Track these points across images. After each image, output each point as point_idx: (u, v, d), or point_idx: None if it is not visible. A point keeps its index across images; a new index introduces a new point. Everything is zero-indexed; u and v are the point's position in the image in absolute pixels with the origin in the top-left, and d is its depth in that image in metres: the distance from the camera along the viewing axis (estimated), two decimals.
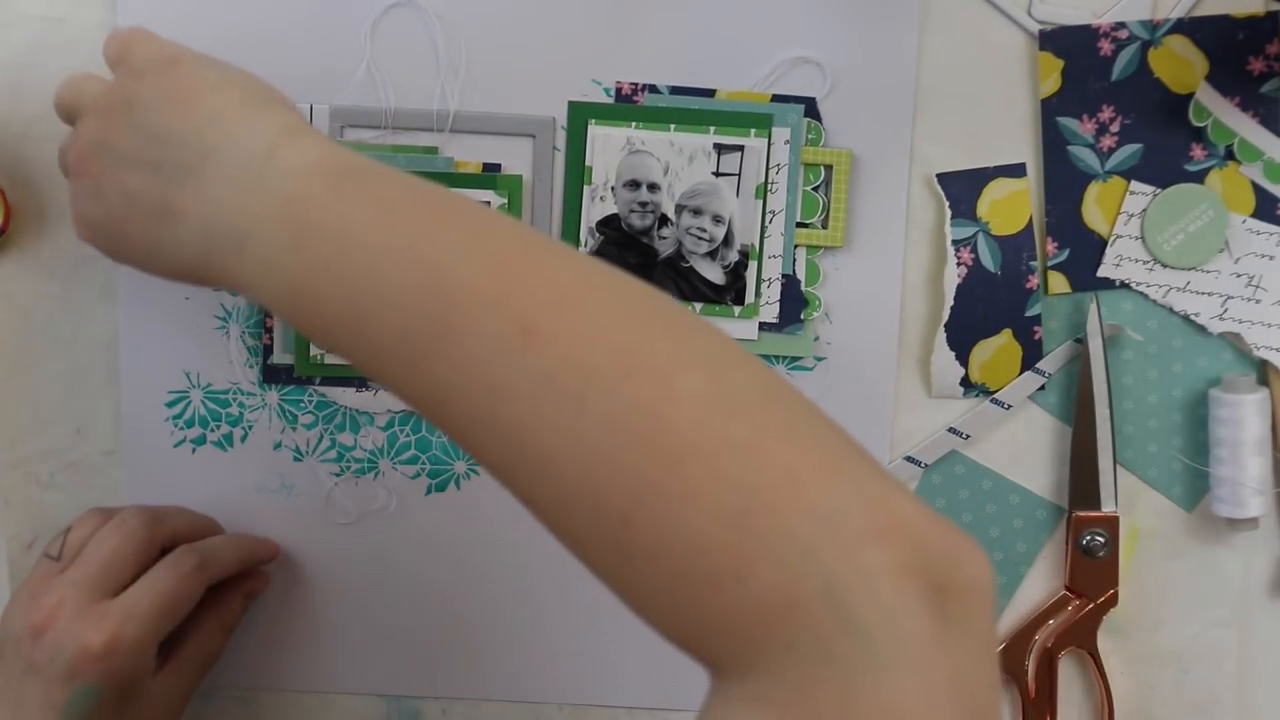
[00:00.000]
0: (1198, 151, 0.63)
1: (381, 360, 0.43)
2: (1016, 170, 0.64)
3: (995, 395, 0.65)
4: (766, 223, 0.63)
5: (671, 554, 0.37)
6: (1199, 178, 0.63)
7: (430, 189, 0.45)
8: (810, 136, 0.63)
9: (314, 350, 0.64)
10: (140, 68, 0.52)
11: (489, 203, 0.63)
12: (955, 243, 0.64)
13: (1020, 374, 0.65)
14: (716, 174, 0.63)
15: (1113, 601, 0.65)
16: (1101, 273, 0.64)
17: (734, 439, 0.38)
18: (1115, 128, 0.63)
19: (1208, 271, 0.64)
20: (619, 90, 0.63)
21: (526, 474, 0.40)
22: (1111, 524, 0.65)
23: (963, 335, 0.64)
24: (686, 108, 0.63)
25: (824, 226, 0.64)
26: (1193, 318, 0.64)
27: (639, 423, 0.38)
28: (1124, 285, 0.64)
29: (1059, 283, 0.64)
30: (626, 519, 0.38)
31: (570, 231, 0.63)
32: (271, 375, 0.64)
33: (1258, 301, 0.64)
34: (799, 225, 0.64)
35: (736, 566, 0.37)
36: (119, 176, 0.50)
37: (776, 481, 0.37)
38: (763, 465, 0.37)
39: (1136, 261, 0.64)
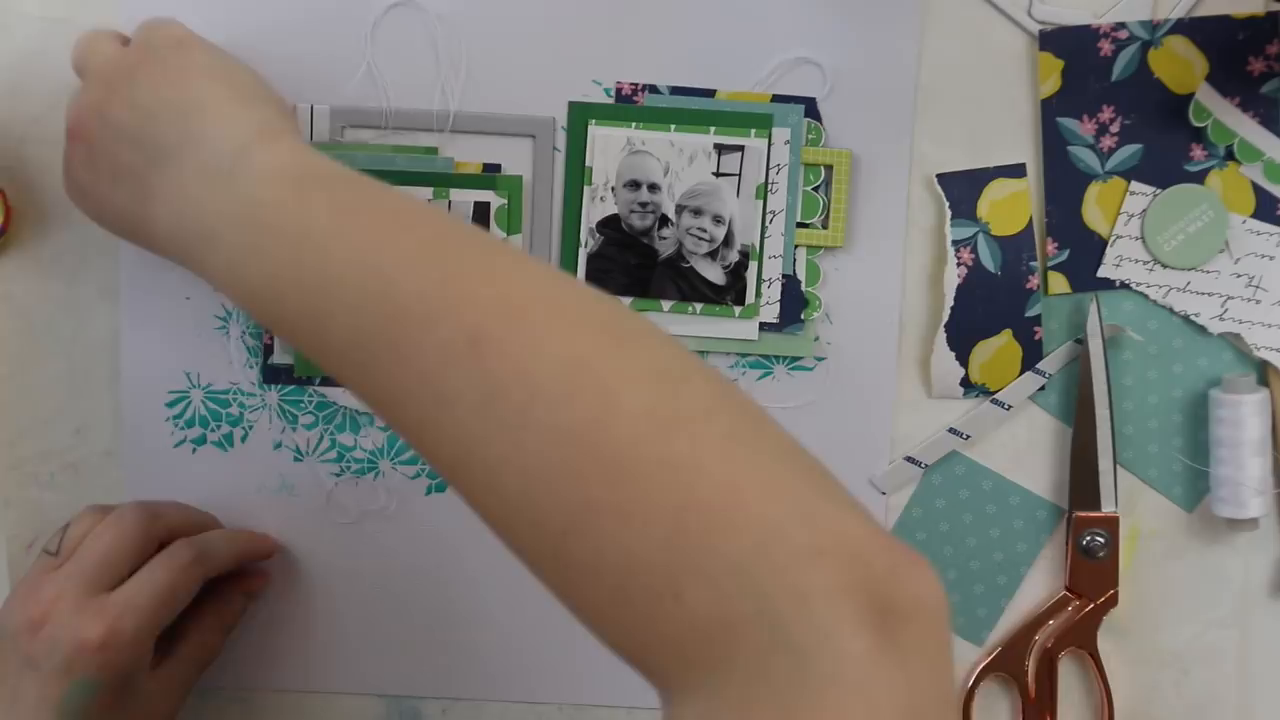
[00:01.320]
0: (1198, 152, 0.63)
1: (339, 363, 0.43)
2: (1016, 170, 0.64)
3: (996, 396, 0.65)
4: (767, 223, 0.63)
5: (609, 571, 0.38)
6: (1199, 178, 0.63)
7: (394, 197, 0.46)
8: (810, 137, 0.63)
9: None
10: (152, 43, 0.53)
11: (489, 204, 0.63)
12: (955, 243, 0.64)
13: (1020, 374, 0.65)
14: (717, 174, 0.63)
15: (1113, 602, 0.65)
16: (1101, 273, 0.64)
17: (673, 457, 0.38)
18: (1115, 128, 0.63)
19: (1208, 272, 0.64)
20: (619, 90, 0.63)
21: (473, 483, 0.40)
22: (1112, 524, 0.65)
23: (963, 335, 0.64)
24: (687, 108, 0.63)
25: (824, 227, 0.64)
26: (1193, 318, 0.64)
27: (581, 437, 0.38)
28: (1124, 285, 0.64)
29: (1059, 283, 0.64)
30: (566, 533, 0.38)
31: (570, 232, 0.63)
32: (272, 375, 0.64)
33: (1258, 302, 0.64)
34: (799, 225, 0.64)
35: (671, 586, 0.37)
36: (111, 147, 0.51)
37: (713, 501, 0.37)
38: (700, 484, 0.37)
39: (1136, 262, 0.64)
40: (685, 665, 0.37)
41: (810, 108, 0.63)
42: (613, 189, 0.63)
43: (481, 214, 0.63)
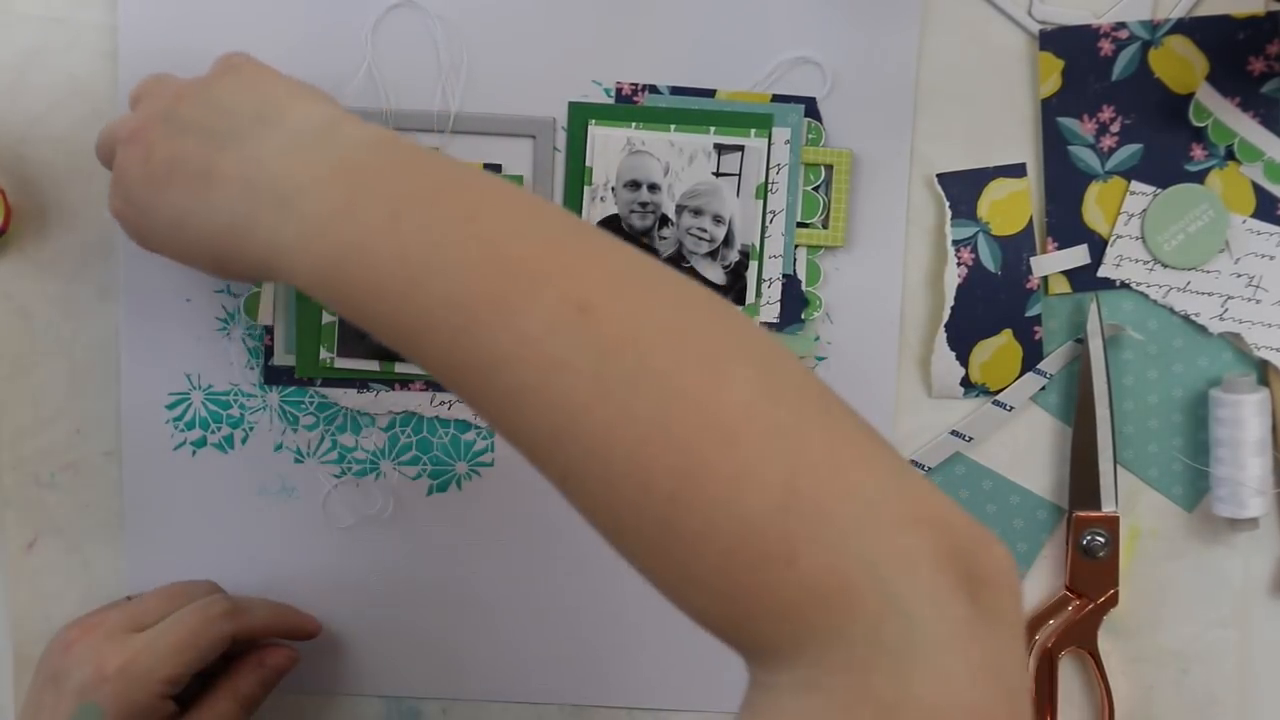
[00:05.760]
0: (1198, 151, 0.63)
1: (424, 332, 0.42)
2: (1017, 170, 0.64)
3: (997, 397, 0.65)
4: (767, 223, 0.63)
5: (720, 535, 0.37)
6: (1199, 178, 0.63)
7: (482, 172, 0.47)
8: (810, 136, 0.63)
9: (321, 354, 0.64)
10: (228, 64, 0.53)
11: None
12: (955, 243, 0.64)
13: (1020, 374, 0.65)
14: (717, 174, 0.63)
15: (1113, 601, 0.65)
16: (1102, 273, 0.64)
17: (779, 425, 0.38)
18: (1115, 128, 0.63)
19: (1208, 272, 0.64)
20: (619, 91, 0.63)
21: (572, 452, 0.40)
22: (1112, 524, 0.65)
23: (963, 335, 0.64)
24: (686, 108, 0.63)
25: (824, 226, 0.64)
26: (1193, 318, 0.64)
27: (693, 402, 0.38)
28: (1124, 285, 0.64)
29: (1059, 283, 0.64)
30: (674, 498, 0.38)
31: None
32: (272, 376, 0.64)
33: (1258, 301, 0.64)
34: (799, 225, 0.64)
35: (786, 548, 0.37)
36: (173, 141, 0.50)
37: (820, 466, 0.38)
38: (807, 449, 0.38)
39: (1137, 261, 0.64)
40: (791, 632, 0.37)
41: (810, 107, 0.63)
42: (613, 189, 0.63)
43: None
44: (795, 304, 0.64)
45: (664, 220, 0.63)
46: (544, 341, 0.40)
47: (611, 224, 0.63)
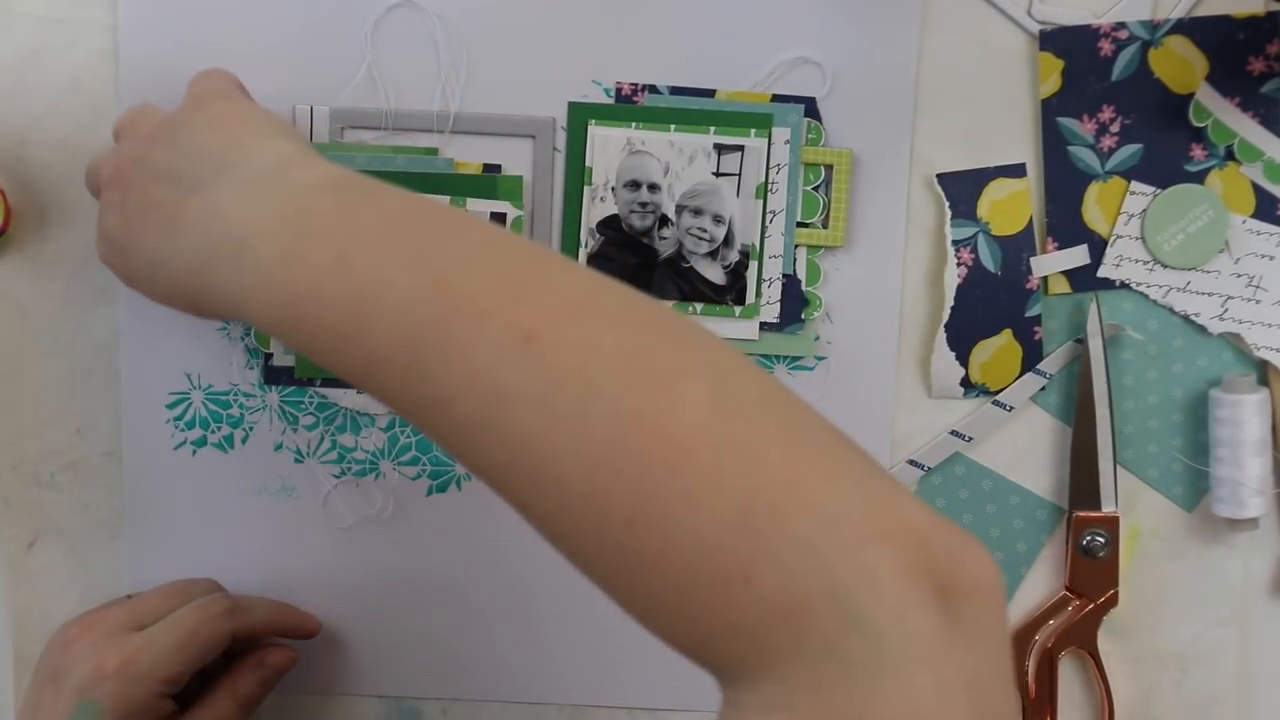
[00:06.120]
0: (1198, 152, 0.63)
1: (379, 368, 0.43)
2: (1016, 170, 0.64)
3: (997, 397, 0.65)
4: (767, 223, 0.63)
5: (677, 557, 0.37)
6: (1199, 178, 0.63)
7: (434, 205, 0.46)
8: (810, 136, 0.63)
9: None
10: (196, 100, 0.53)
11: (505, 214, 0.63)
12: (955, 243, 0.64)
13: (1020, 374, 0.65)
14: (717, 174, 0.63)
15: (1113, 602, 0.65)
16: (1101, 273, 0.64)
17: (734, 442, 0.38)
18: (1115, 128, 0.63)
19: (1208, 272, 0.64)
20: (619, 90, 0.63)
21: (528, 480, 0.40)
22: (1111, 524, 0.65)
23: (963, 335, 0.64)
24: (686, 108, 0.63)
25: (824, 226, 0.64)
26: (1193, 318, 0.64)
27: (642, 426, 0.38)
28: (1124, 285, 0.64)
29: (1059, 283, 0.64)
30: (630, 524, 0.38)
31: (570, 232, 0.63)
32: (272, 376, 0.64)
33: (1258, 302, 0.64)
34: (799, 225, 0.64)
35: (742, 569, 0.37)
36: (146, 188, 0.51)
37: (777, 483, 0.37)
38: (763, 467, 0.38)
39: (1136, 262, 0.64)
40: (754, 651, 0.37)
41: (810, 107, 0.63)
42: (613, 189, 0.63)
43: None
44: (795, 304, 0.64)
45: (664, 220, 0.63)
46: (492, 373, 0.40)
47: (612, 224, 0.63)
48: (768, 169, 0.63)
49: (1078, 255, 0.64)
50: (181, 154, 0.51)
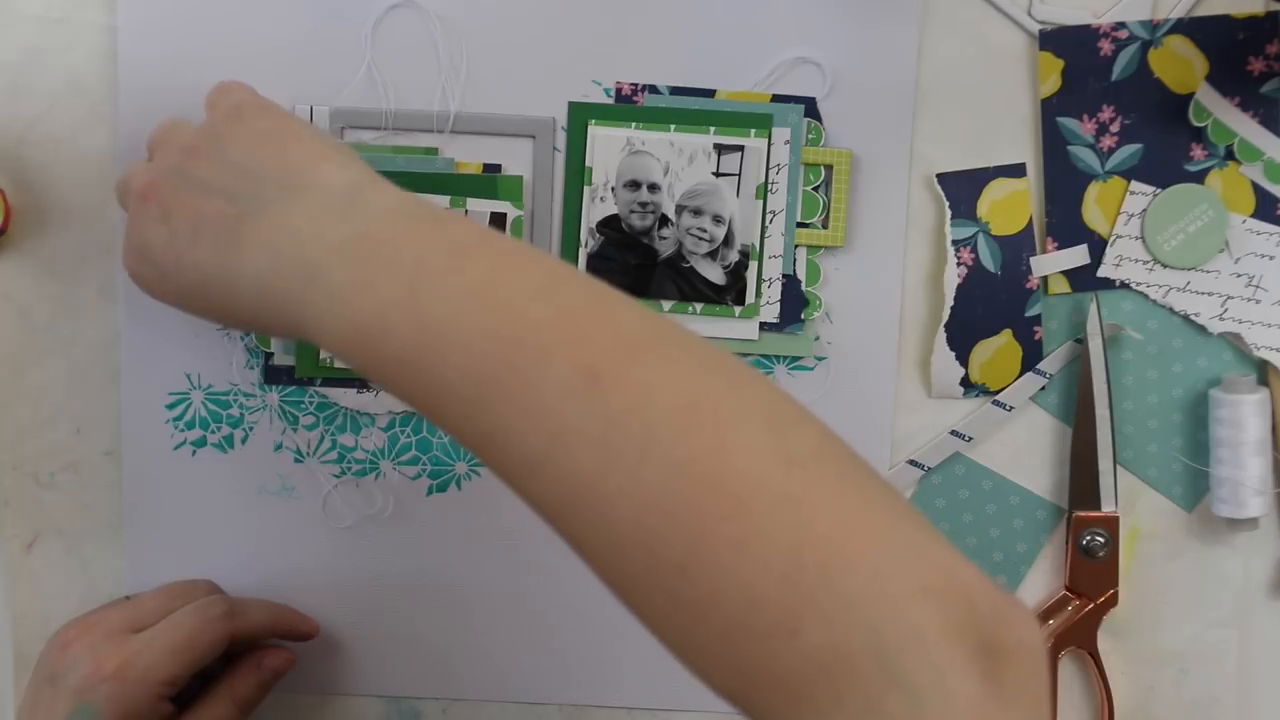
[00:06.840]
0: (1198, 151, 0.63)
1: (443, 400, 0.43)
2: (1016, 170, 0.64)
3: (997, 397, 0.65)
4: (767, 223, 0.63)
5: (725, 605, 0.37)
6: (1199, 178, 0.63)
7: (501, 238, 0.46)
8: (810, 136, 0.63)
9: (321, 354, 0.64)
10: (233, 111, 0.52)
11: (504, 214, 0.63)
12: (955, 243, 0.64)
13: (1020, 374, 0.65)
14: (717, 174, 0.63)
15: (1113, 602, 0.65)
16: (1101, 273, 0.64)
17: (789, 494, 0.38)
18: (1115, 128, 0.63)
19: (1208, 271, 0.64)
20: (619, 91, 0.63)
21: (584, 518, 0.40)
22: (1111, 524, 0.65)
23: (963, 335, 0.64)
24: (686, 108, 0.63)
25: (824, 226, 0.64)
26: (1193, 318, 0.64)
27: (700, 471, 0.38)
28: (1124, 285, 0.64)
29: (1059, 283, 0.64)
30: (682, 567, 0.38)
31: (570, 232, 0.63)
32: (272, 376, 0.64)
33: (1258, 301, 0.64)
34: (799, 225, 0.64)
35: (789, 622, 0.37)
36: (193, 202, 0.50)
37: (828, 538, 0.37)
38: (815, 521, 0.38)
39: (1136, 261, 0.64)
40: (795, 703, 0.37)
41: (810, 107, 0.63)
42: (613, 189, 0.63)
43: (497, 225, 0.63)
44: (795, 304, 0.64)
45: (664, 220, 0.63)
46: (554, 411, 0.40)
47: (611, 224, 0.63)
48: (768, 169, 0.63)
49: (1078, 255, 0.64)
50: (231, 169, 0.50)
